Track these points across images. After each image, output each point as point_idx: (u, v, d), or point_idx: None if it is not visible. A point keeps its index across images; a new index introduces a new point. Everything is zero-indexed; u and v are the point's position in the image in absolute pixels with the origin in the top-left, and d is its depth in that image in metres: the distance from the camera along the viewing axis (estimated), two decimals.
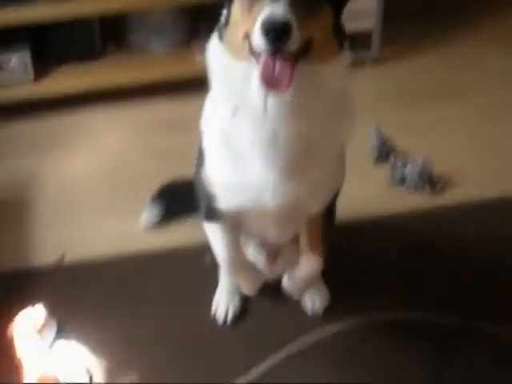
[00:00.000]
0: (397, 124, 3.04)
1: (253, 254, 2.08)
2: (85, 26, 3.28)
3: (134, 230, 2.53)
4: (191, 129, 2.94)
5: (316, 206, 1.77)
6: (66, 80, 3.22)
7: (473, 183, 2.74)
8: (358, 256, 2.35)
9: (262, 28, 1.34)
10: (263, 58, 1.39)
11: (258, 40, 1.36)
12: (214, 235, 1.85)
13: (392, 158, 2.80)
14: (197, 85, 2.97)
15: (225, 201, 1.71)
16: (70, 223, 2.59)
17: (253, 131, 1.54)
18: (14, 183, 2.80)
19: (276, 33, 1.33)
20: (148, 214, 2.53)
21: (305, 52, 1.44)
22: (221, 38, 1.54)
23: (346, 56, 1.56)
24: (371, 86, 3.35)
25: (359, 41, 3.36)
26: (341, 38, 1.54)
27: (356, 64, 3.42)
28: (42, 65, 3.24)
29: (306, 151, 1.57)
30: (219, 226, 1.80)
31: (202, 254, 2.31)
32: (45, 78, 3.22)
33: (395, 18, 3.61)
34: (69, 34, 3.26)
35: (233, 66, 1.51)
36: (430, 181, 2.69)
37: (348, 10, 1.68)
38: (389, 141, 2.90)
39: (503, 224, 2.56)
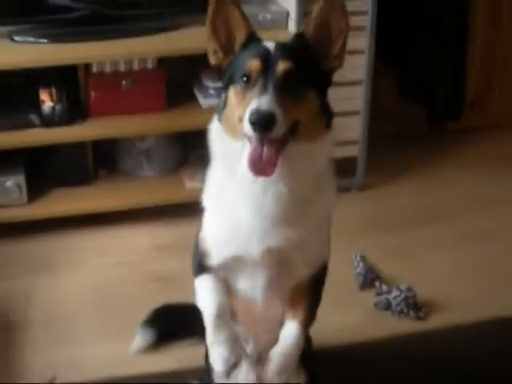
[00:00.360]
0: (382, 249, 3.12)
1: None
2: (78, 151, 3.36)
3: (125, 354, 2.53)
4: (182, 253, 3.03)
5: (302, 268, 1.81)
6: (58, 203, 3.29)
7: (458, 307, 2.79)
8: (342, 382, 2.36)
9: (250, 119, 1.53)
10: (252, 143, 1.59)
11: (247, 128, 1.55)
12: (203, 287, 1.84)
13: (377, 284, 2.86)
14: (187, 209, 3.09)
15: (216, 253, 1.79)
16: (60, 346, 2.60)
17: (245, 189, 1.68)
18: (4, 305, 2.80)
19: (261, 123, 1.53)
20: (139, 339, 2.54)
21: (292, 133, 1.61)
22: (219, 119, 1.72)
23: (332, 134, 1.72)
24: (356, 212, 3.44)
25: (345, 168, 3.49)
26: (327, 117, 1.71)
27: (341, 190, 3.56)
28: (36, 188, 3.30)
29: (293, 208, 1.69)
30: (209, 276, 1.83)
31: (187, 380, 2.35)
32: (38, 200, 3.28)
33: (379, 146, 3.77)
34: (62, 159, 3.35)
35: (229, 143, 1.68)
36: (415, 306, 2.73)
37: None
38: (374, 267, 2.97)
39: (490, 347, 2.60)
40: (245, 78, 1.63)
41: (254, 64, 1.62)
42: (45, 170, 3.38)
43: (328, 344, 2.46)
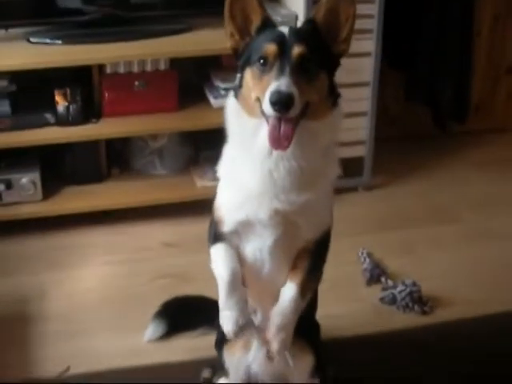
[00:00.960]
0: (387, 246, 3.20)
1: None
2: (92, 149, 3.44)
3: (137, 346, 2.60)
4: (192, 250, 3.11)
5: (307, 231, 1.88)
6: (72, 200, 3.35)
7: (462, 302, 2.85)
8: (347, 372, 2.40)
9: (271, 99, 1.65)
10: (271, 121, 1.70)
11: (267, 108, 1.67)
12: (218, 255, 1.92)
13: (383, 280, 2.93)
14: (198, 207, 3.17)
15: (229, 218, 1.88)
16: (73, 339, 2.65)
17: (258, 162, 1.79)
18: (19, 299, 2.86)
19: (281, 104, 1.64)
20: (151, 330, 2.61)
21: (303, 113, 1.72)
22: (236, 97, 1.84)
23: (339, 112, 1.83)
24: (363, 211, 3.54)
25: (352, 168, 3.57)
26: (334, 97, 1.82)
27: (349, 190, 3.65)
28: (50, 185, 3.37)
29: (302, 179, 1.80)
30: (223, 245, 1.92)
31: (199, 370, 2.42)
32: (52, 197, 3.35)
33: (386, 147, 3.85)
34: (76, 157, 3.42)
35: (245, 120, 1.80)
36: (420, 301, 2.79)
37: (342, 138, 1.91)
38: (380, 264, 3.04)
39: (493, 342, 2.66)
40: (261, 61, 1.73)
41: (271, 48, 1.72)
42: (59, 167, 3.45)
43: (335, 335, 2.53)
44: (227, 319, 1.88)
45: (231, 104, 1.85)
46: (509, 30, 4.27)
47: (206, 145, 3.60)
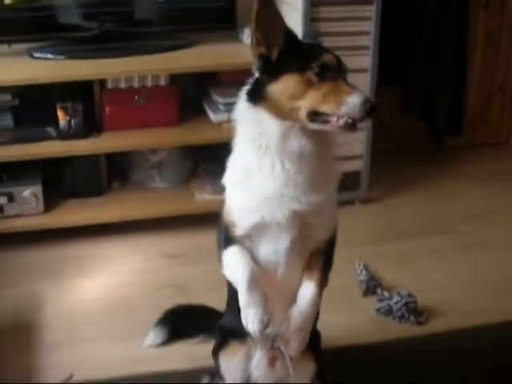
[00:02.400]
0: (383, 258, 3.25)
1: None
2: (93, 163, 3.49)
3: (138, 354, 2.64)
4: (192, 261, 3.16)
5: (321, 232, 1.94)
6: (73, 213, 3.40)
7: (456, 313, 2.89)
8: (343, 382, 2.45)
9: (366, 107, 1.73)
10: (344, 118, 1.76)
11: (358, 115, 1.74)
12: (233, 256, 1.93)
13: (379, 291, 2.98)
14: (197, 220, 3.21)
15: (242, 222, 1.90)
16: (75, 348, 2.69)
17: (281, 165, 1.83)
18: (22, 309, 2.90)
19: (372, 109, 1.74)
20: (152, 336, 2.66)
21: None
22: (252, 100, 1.84)
23: None
24: (360, 224, 3.58)
25: (349, 181, 3.63)
26: None
27: (346, 203, 3.69)
28: (52, 198, 3.42)
29: (318, 179, 1.86)
30: (236, 247, 1.94)
31: (198, 378, 2.45)
32: (54, 210, 3.39)
33: (383, 161, 3.92)
34: (77, 171, 3.47)
35: (272, 124, 1.82)
36: (415, 312, 2.84)
37: (339, 153, 1.97)
38: (376, 275, 3.09)
39: (489, 352, 2.69)
40: (317, 69, 1.77)
41: (330, 57, 1.80)
42: (60, 180, 3.49)
43: (332, 346, 2.57)
44: (252, 317, 1.86)
45: (245, 109, 1.86)
46: (502, 46, 4.35)
47: (205, 159, 3.65)
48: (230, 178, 1.96)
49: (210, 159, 3.61)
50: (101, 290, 3.05)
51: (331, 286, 2.81)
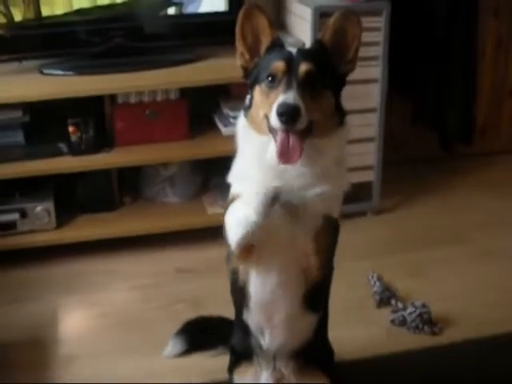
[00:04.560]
0: (397, 269, 3.24)
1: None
2: (104, 178, 3.50)
3: (150, 369, 2.64)
4: (204, 275, 3.16)
5: (315, 218, 1.87)
6: (85, 228, 3.41)
7: (471, 323, 2.88)
8: None
9: (278, 111, 1.72)
10: (279, 135, 1.76)
11: (275, 120, 1.73)
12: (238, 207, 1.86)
13: (393, 302, 2.97)
14: (209, 234, 3.21)
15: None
16: (89, 362, 2.69)
17: (269, 172, 1.83)
18: (34, 325, 2.91)
19: (288, 115, 1.71)
20: (170, 347, 2.66)
21: (309, 131, 1.78)
22: (245, 116, 1.92)
23: (345, 130, 1.90)
24: (372, 235, 3.58)
25: (361, 192, 3.63)
26: (340, 115, 1.88)
27: (358, 214, 3.69)
28: (64, 213, 3.42)
29: (311, 184, 1.84)
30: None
31: None
32: (66, 225, 3.40)
33: (394, 171, 3.91)
34: (89, 186, 3.48)
35: (255, 138, 1.87)
36: (430, 322, 2.83)
37: (351, 164, 1.96)
38: (389, 286, 3.07)
39: (503, 362, 2.68)
40: (270, 78, 1.81)
41: (279, 65, 1.80)
42: (72, 196, 3.50)
43: (348, 358, 2.56)
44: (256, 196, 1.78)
45: (241, 123, 1.93)
46: None
47: (216, 172, 3.65)
48: (233, 177, 1.97)
49: (221, 173, 3.58)
50: (113, 304, 3.05)
51: (345, 297, 2.85)
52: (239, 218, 1.81)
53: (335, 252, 2.01)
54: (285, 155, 1.75)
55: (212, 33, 3.50)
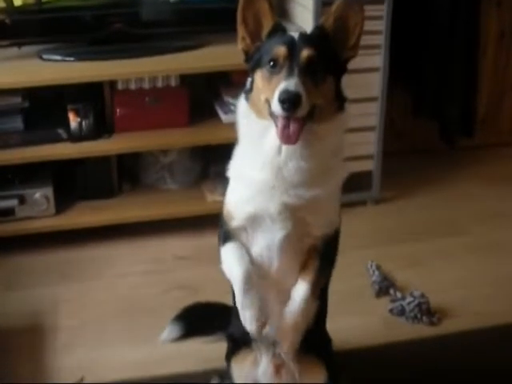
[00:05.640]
0: (396, 259, 3.23)
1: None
2: (104, 165, 3.48)
3: (150, 356, 2.64)
4: (203, 262, 3.16)
5: (316, 228, 1.92)
6: (84, 215, 3.40)
7: (470, 313, 2.88)
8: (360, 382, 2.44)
9: (279, 98, 1.71)
10: (280, 121, 1.75)
11: (276, 107, 1.73)
12: (229, 255, 1.95)
13: (392, 292, 2.96)
14: (208, 221, 3.21)
15: (238, 212, 1.92)
16: (87, 349, 2.70)
17: (269, 160, 1.84)
18: (33, 312, 2.90)
19: (290, 102, 1.70)
20: (167, 332, 2.65)
21: (310, 116, 1.78)
22: (246, 99, 1.90)
23: (345, 116, 1.90)
24: (372, 225, 3.58)
25: (361, 182, 3.62)
26: (340, 101, 1.88)
27: (358, 204, 3.69)
28: (63, 200, 3.41)
29: (310, 177, 1.85)
30: (234, 244, 1.95)
31: (208, 379, 2.46)
32: (65, 212, 3.39)
33: (394, 161, 3.90)
34: (88, 173, 3.46)
35: (255, 122, 1.87)
36: (428, 312, 2.83)
37: (351, 153, 1.96)
38: (388, 276, 3.07)
39: (501, 353, 2.68)
40: (271, 63, 1.80)
41: (280, 50, 1.79)
42: (72, 182, 3.49)
43: (346, 347, 2.56)
44: (249, 319, 1.89)
45: (242, 106, 1.92)
46: None
47: (216, 160, 3.64)
48: (231, 171, 1.98)
49: (221, 160, 3.57)
50: (112, 291, 3.05)
51: (343, 287, 2.84)
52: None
53: (337, 250, 2.03)
54: (285, 138, 1.76)
55: (213, 19, 3.48)
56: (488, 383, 2.54)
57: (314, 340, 2.09)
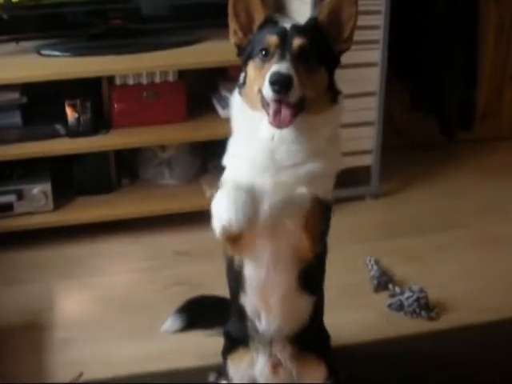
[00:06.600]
0: (395, 253, 3.23)
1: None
2: (102, 160, 3.48)
3: (148, 353, 2.63)
4: (202, 258, 3.15)
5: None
6: (83, 210, 3.39)
7: (469, 308, 2.87)
8: (357, 379, 2.43)
9: (270, 80, 1.71)
10: (271, 106, 1.75)
11: (268, 91, 1.72)
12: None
13: (390, 287, 2.96)
14: (207, 217, 3.19)
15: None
16: (85, 346, 2.69)
17: (262, 149, 1.83)
18: (31, 307, 2.90)
19: (280, 84, 1.70)
20: (169, 323, 2.64)
21: (302, 106, 1.77)
22: (240, 93, 1.91)
23: (338, 109, 1.89)
24: (371, 219, 3.58)
25: (360, 177, 3.62)
26: (333, 93, 1.88)
27: (356, 198, 3.69)
28: (61, 195, 3.41)
29: (302, 162, 1.83)
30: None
31: (205, 375, 2.45)
32: (63, 207, 3.39)
33: (393, 156, 3.89)
34: (87, 168, 3.46)
35: (249, 114, 1.86)
36: (427, 307, 2.82)
37: (350, 148, 1.94)
38: (387, 271, 3.07)
39: (500, 348, 2.67)
40: (263, 52, 1.80)
41: (272, 39, 1.79)
42: (70, 178, 3.48)
43: (344, 343, 2.56)
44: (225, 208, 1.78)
45: (235, 100, 1.92)
46: None
47: (214, 154, 3.60)
48: (228, 157, 1.97)
49: (219, 155, 3.57)
50: (110, 287, 3.05)
51: (342, 281, 2.84)
52: (216, 211, 1.81)
53: (328, 233, 1.98)
54: (277, 121, 1.75)
55: (211, 15, 3.46)
56: (487, 378, 2.54)
57: (311, 337, 2.09)
